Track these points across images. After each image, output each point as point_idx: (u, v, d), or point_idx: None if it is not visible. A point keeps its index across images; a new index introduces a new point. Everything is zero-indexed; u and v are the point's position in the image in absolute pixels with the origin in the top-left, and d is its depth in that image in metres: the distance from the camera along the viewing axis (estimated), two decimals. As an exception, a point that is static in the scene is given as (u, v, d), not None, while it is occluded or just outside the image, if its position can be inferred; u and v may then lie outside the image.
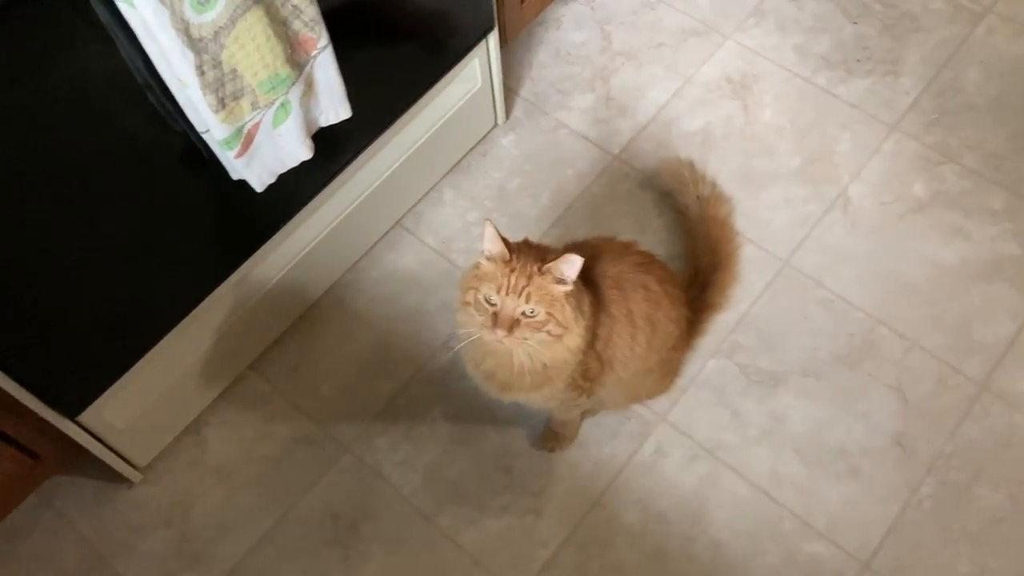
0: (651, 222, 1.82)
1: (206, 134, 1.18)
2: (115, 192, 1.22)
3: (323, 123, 1.35)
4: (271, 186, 1.34)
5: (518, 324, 1.20)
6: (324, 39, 1.21)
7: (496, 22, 1.68)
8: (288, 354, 1.72)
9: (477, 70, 1.74)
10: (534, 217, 1.83)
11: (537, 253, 1.24)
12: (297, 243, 1.61)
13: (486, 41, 1.70)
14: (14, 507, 1.50)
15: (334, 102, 1.32)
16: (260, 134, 1.22)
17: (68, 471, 1.61)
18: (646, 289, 1.37)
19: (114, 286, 1.31)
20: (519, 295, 1.19)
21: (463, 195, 1.87)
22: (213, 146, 1.21)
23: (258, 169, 1.28)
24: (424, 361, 1.70)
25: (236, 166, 1.25)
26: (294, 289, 1.68)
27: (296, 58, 1.19)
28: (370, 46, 1.44)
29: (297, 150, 1.31)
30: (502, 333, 1.20)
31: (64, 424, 1.39)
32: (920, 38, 1.99)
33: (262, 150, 1.25)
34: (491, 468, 1.60)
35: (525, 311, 1.20)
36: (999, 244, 1.75)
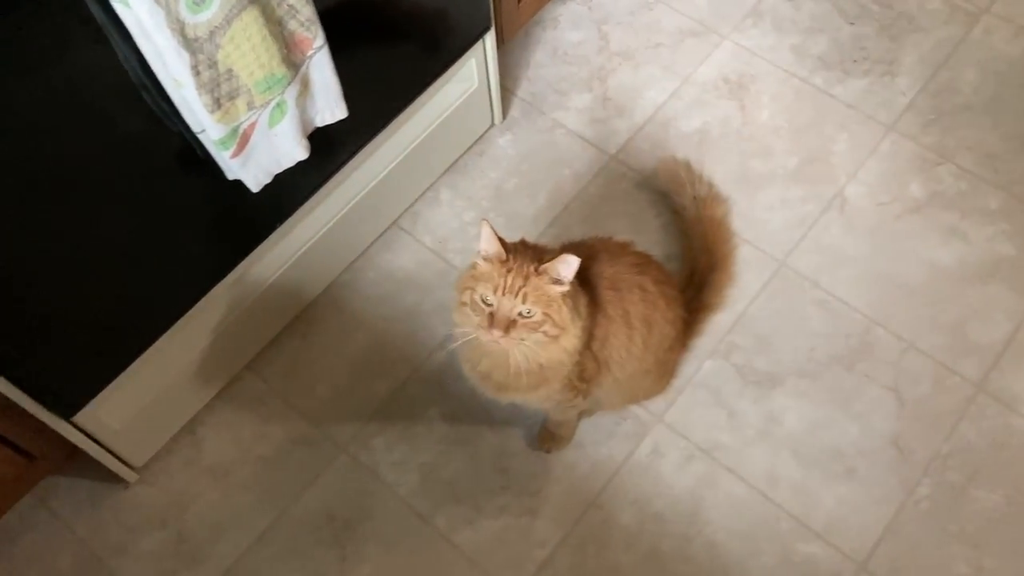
0: (648, 222, 1.81)
1: (202, 134, 1.18)
2: (111, 192, 1.22)
3: (319, 123, 1.34)
4: (267, 186, 1.33)
5: (514, 325, 1.20)
6: (320, 39, 1.21)
7: (493, 22, 1.68)
8: (284, 354, 1.72)
9: (474, 70, 1.74)
10: (531, 217, 1.83)
11: (534, 253, 1.24)
12: (293, 243, 1.60)
13: (483, 41, 1.70)
14: (9, 507, 1.50)
15: (330, 102, 1.32)
16: (256, 134, 1.22)
17: (64, 471, 1.61)
18: (642, 290, 1.37)
19: (110, 286, 1.31)
20: (515, 295, 1.19)
21: (460, 195, 1.86)
22: (209, 146, 1.20)
23: (254, 169, 1.27)
24: (421, 361, 1.70)
25: (232, 166, 1.24)
26: (290, 289, 1.68)
27: (292, 58, 1.19)
28: (366, 46, 1.43)
29: (293, 150, 1.31)
30: (498, 333, 1.19)
31: (59, 425, 1.39)
32: (917, 39, 1.99)
33: (258, 150, 1.25)
34: (488, 468, 1.60)
35: (521, 312, 1.20)
36: (995, 245, 1.75)
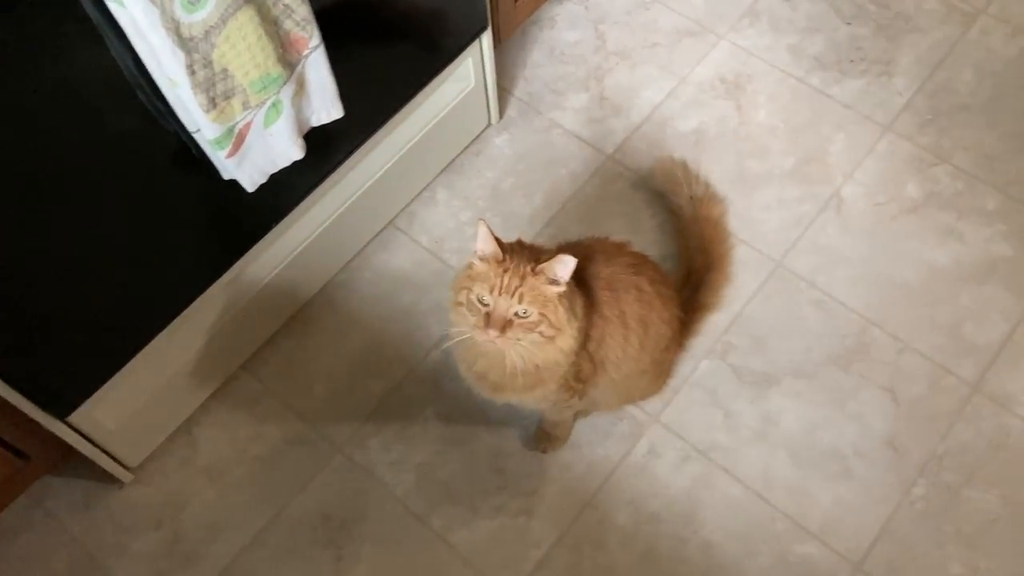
0: (644, 222, 1.81)
1: (197, 134, 1.18)
2: (106, 192, 1.22)
3: (315, 123, 1.34)
4: (263, 185, 1.33)
5: (511, 325, 1.20)
6: (316, 38, 1.21)
7: (490, 21, 1.68)
8: (280, 354, 1.71)
9: (471, 69, 1.74)
10: (527, 217, 1.83)
11: (530, 253, 1.24)
12: (289, 243, 1.60)
13: (480, 40, 1.70)
14: (4, 508, 1.50)
15: (326, 102, 1.31)
16: (251, 134, 1.21)
17: (59, 472, 1.60)
18: (639, 290, 1.37)
19: (105, 286, 1.31)
20: (512, 296, 1.19)
21: (456, 195, 1.86)
22: (204, 146, 1.20)
23: (249, 169, 1.27)
24: (417, 361, 1.70)
25: (227, 166, 1.24)
26: (286, 289, 1.67)
27: (288, 57, 1.19)
28: (363, 45, 1.43)
29: (289, 150, 1.30)
30: (494, 334, 1.19)
31: (54, 425, 1.38)
32: (914, 39, 1.99)
33: (253, 150, 1.25)
34: (484, 469, 1.60)
35: (518, 312, 1.20)
36: (992, 245, 1.75)
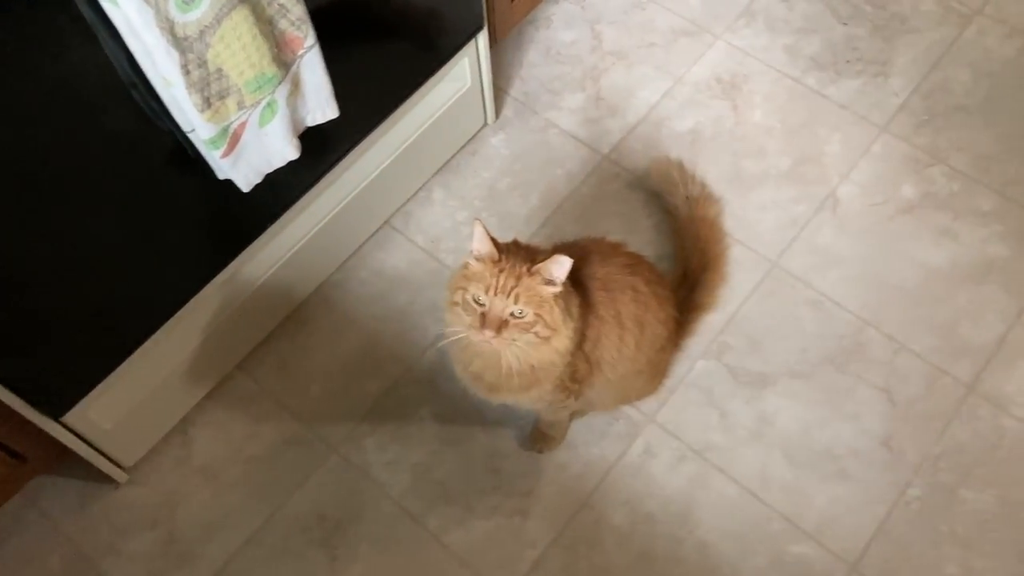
0: (640, 222, 1.81)
1: (192, 133, 1.17)
2: (101, 191, 1.21)
3: (310, 123, 1.34)
4: (259, 185, 1.33)
5: (506, 325, 1.20)
6: (311, 38, 1.21)
7: (486, 21, 1.68)
8: (276, 354, 1.71)
9: (467, 69, 1.74)
10: (523, 217, 1.83)
11: (526, 254, 1.24)
12: (285, 242, 1.60)
13: (476, 40, 1.70)
14: (-2, 508, 1.50)
15: (321, 102, 1.31)
16: (246, 134, 1.21)
17: (54, 471, 1.60)
18: (634, 290, 1.37)
19: (100, 286, 1.30)
20: (507, 296, 1.19)
21: (452, 194, 1.86)
22: (199, 145, 1.20)
23: (244, 169, 1.27)
24: (413, 361, 1.70)
25: (222, 166, 1.24)
26: (282, 288, 1.67)
27: (283, 57, 1.19)
28: (358, 45, 1.43)
29: (284, 150, 1.30)
30: (490, 334, 1.19)
31: (49, 425, 1.38)
32: (910, 39, 2.00)
33: (248, 150, 1.24)
34: (479, 469, 1.60)
35: (513, 312, 1.19)
36: (988, 246, 1.75)
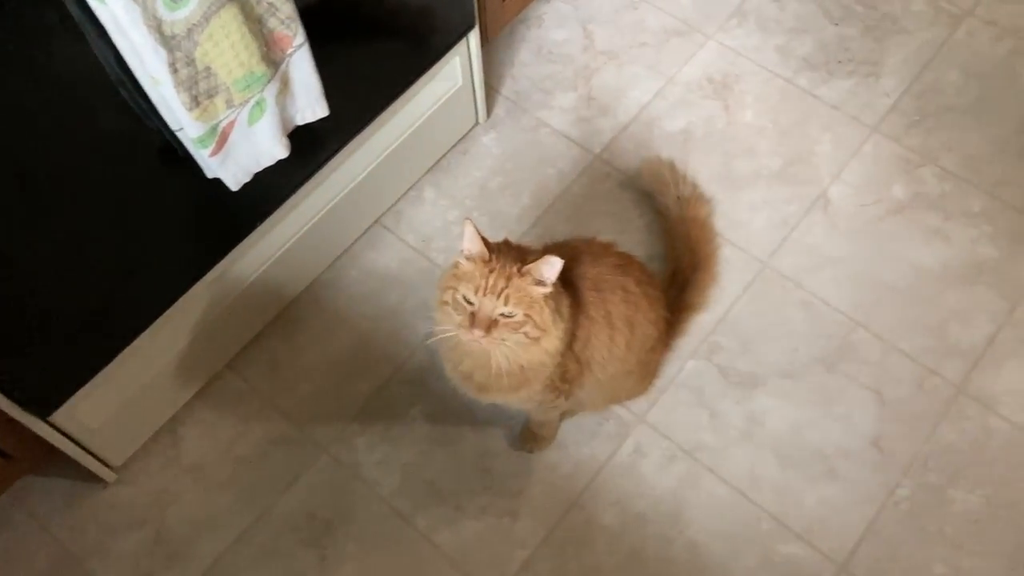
0: (631, 222, 1.81)
1: (180, 132, 1.17)
2: (89, 190, 1.21)
3: (299, 121, 1.33)
4: (248, 184, 1.32)
5: (496, 325, 1.19)
6: (300, 37, 1.20)
7: (477, 20, 1.67)
8: (266, 353, 1.70)
9: (458, 68, 1.73)
10: (515, 216, 1.83)
11: (517, 254, 1.23)
12: (275, 241, 1.59)
13: (467, 39, 1.69)
14: (-14, 507, 1.49)
15: (311, 100, 1.31)
16: (235, 132, 1.21)
17: (41, 471, 1.59)
18: (625, 291, 1.37)
19: (88, 284, 1.30)
20: (497, 296, 1.18)
21: (443, 194, 1.86)
22: (187, 144, 1.19)
23: (233, 168, 1.26)
24: (403, 360, 1.69)
25: (211, 164, 1.23)
26: (272, 287, 1.67)
27: (272, 56, 1.18)
28: (348, 44, 1.42)
29: (273, 148, 1.29)
30: (479, 333, 1.19)
31: (36, 424, 1.37)
32: (901, 40, 2.00)
33: (237, 148, 1.24)
34: (469, 468, 1.60)
35: (503, 312, 1.19)
36: (978, 246, 1.75)
